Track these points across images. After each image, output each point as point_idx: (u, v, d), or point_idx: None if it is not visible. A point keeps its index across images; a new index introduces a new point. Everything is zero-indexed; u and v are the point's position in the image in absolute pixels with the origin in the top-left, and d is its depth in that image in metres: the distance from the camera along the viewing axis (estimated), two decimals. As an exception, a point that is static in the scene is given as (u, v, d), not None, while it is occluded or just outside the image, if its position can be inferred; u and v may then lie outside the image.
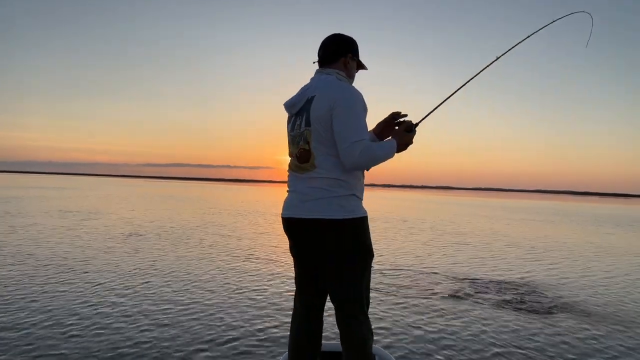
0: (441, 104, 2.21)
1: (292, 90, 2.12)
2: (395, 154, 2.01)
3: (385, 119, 2.21)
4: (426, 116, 2.17)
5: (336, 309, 2.00)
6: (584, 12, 2.70)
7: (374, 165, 1.93)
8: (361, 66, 2.18)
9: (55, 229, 9.46)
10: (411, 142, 2.07)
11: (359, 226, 1.94)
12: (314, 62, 2.12)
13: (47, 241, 7.70)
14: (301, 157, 1.97)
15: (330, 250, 1.92)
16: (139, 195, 27.26)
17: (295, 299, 2.18)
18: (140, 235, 9.02)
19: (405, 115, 2.16)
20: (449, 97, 2.23)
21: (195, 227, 10.88)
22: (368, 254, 1.98)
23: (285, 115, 2.14)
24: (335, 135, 1.87)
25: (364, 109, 1.92)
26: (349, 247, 1.91)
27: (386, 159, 1.95)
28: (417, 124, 2.12)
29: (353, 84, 2.11)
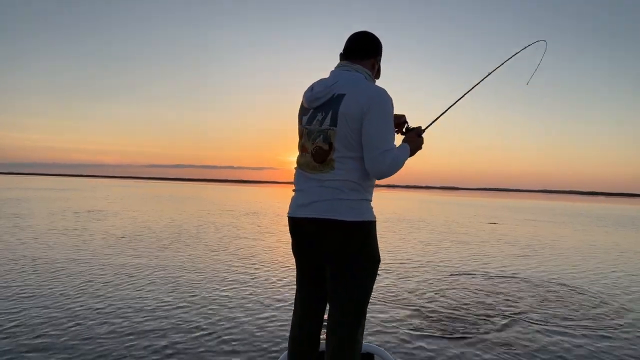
0: (445, 111, 2.25)
1: (295, 91, 2.07)
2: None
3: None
4: (432, 123, 2.17)
5: (334, 308, 1.95)
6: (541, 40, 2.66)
7: (391, 173, 1.89)
8: (378, 74, 2.13)
9: (54, 229, 9.44)
10: (421, 148, 2.06)
11: (368, 230, 1.90)
12: (341, 53, 2.03)
13: (44, 242, 7.67)
14: (317, 155, 1.89)
15: (337, 252, 1.88)
16: (141, 196, 27.34)
17: (295, 299, 2.16)
18: (138, 235, 8.99)
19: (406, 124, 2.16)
20: (452, 105, 2.28)
21: (195, 227, 10.84)
22: (375, 259, 1.95)
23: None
24: (364, 140, 1.80)
25: (392, 116, 1.87)
26: (356, 250, 1.87)
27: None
28: (424, 130, 2.11)
29: None
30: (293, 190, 2.03)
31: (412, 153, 2.01)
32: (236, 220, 13.41)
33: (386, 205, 26.66)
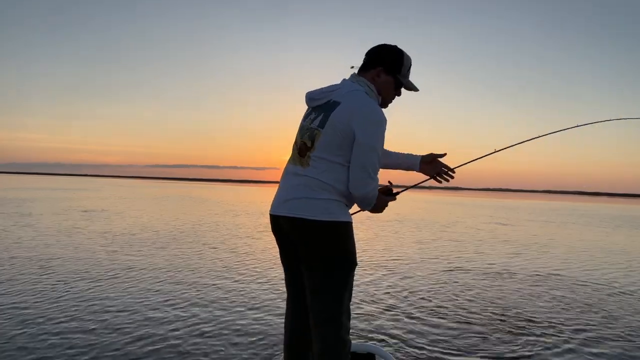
0: (427, 179, 2.30)
1: (300, 91, 2.11)
2: (368, 210, 2.02)
3: (425, 158, 2.25)
4: (407, 188, 2.28)
5: (312, 309, 1.94)
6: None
7: (362, 205, 1.95)
8: (409, 86, 2.07)
9: (54, 228, 9.41)
10: (385, 206, 2.09)
11: (343, 231, 1.90)
12: (351, 67, 2.07)
13: (42, 241, 7.63)
14: (301, 150, 1.96)
15: (310, 251, 1.89)
16: (144, 196, 27.43)
17: (287, 300, 2.17)
18: (137, 235, 8.95)
19: (444, 155, 2.24)
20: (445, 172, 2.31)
21: (195, 227, 10.82)
22: (349, 260, 1.93)
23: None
24: (353, 159, 1.85)
25: (383, 137, 1.89)
26: (329, 250, 1.88)
27: (365, 209, 1.99)
28: (398, 193, 2.16)
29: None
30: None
31: (375, 209, 2.04)
32: (237, 219, 13.39)
33: (389, 205, 26.58)
